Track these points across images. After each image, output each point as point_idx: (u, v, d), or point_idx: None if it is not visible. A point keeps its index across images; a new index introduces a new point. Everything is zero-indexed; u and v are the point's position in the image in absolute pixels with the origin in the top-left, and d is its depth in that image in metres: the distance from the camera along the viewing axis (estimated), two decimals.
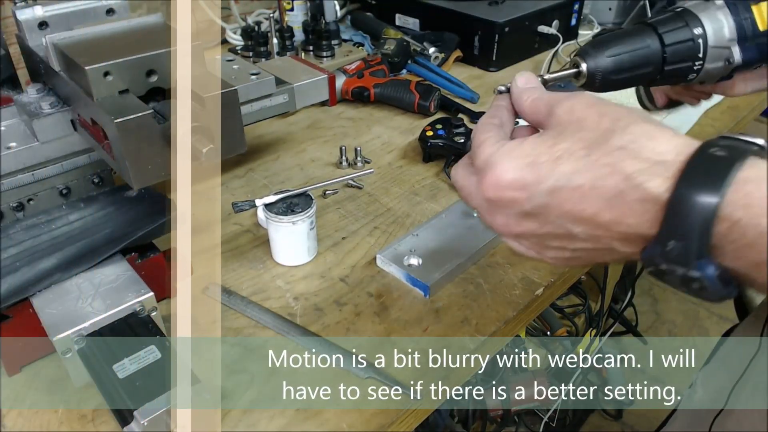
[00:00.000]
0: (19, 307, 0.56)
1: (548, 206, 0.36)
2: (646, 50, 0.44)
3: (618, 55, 0.43)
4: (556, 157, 0.36)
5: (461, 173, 0.43)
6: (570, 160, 0.35)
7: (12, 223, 0.64)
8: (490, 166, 0.38)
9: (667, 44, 0.43)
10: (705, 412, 0.79)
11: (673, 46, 0.44)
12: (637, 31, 0.44)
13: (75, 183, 0.67)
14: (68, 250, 0.61)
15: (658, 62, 0.44)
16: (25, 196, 0.64)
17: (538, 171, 0.36)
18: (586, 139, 0.35)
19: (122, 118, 0.53)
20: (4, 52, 0.83)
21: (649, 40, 0.44)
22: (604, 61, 0.43)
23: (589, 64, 0.44)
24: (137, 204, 0.68)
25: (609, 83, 0.44)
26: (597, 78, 0.44)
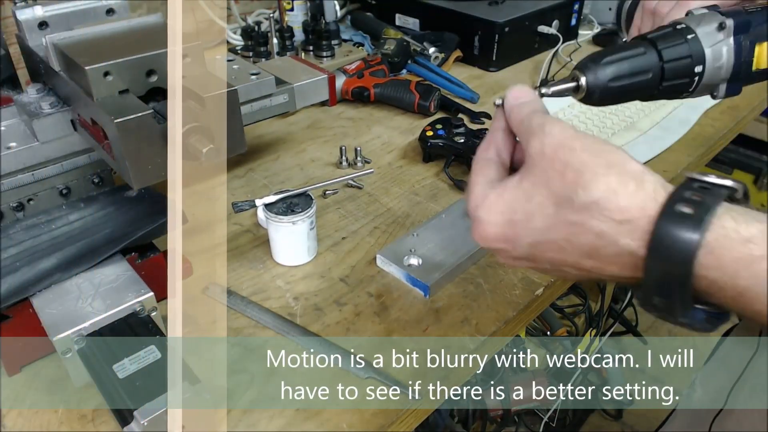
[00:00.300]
0: (19, 307, 0.56)
1: (533, 255, 0.38)
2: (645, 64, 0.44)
3: (617, 71, 0.44)
4: (530, 214, 0.37)
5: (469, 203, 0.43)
6: (542, 217, 0.36)
7: (12, 223, 0.64)
8: (476, 220, 0.40)
9: (666, 60, 0.44)
10: (705, 412, 0.79)
11: (672, 62, 0.44)
12: (637, 47, 0.44)
13: (75, 183, 0.67)
14: (68, 250, 0.61)
15: (656, 78, 0.44)
16: (25, 196, 0.64)
17: (515, 229, 0.38)
18: (554, 194, 0.36)
19: (122, 118, 0.53)
20: (4, 52, 0.83)
21: (649, 55, 0.44)
22: (603, 75, 0.43)
23: (589, 78, 0.44)
24: (137, 204, 0.68)
25: (607, 98, 0.44)
26: (596, 92, 0.44)
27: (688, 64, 0.44)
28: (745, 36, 0.45)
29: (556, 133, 0.36)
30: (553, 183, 0.36)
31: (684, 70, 0.44)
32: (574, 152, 0.35)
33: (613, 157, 0.35)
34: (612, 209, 0.34)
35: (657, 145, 0.93)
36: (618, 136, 0.93)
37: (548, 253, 0.37)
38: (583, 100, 0.45)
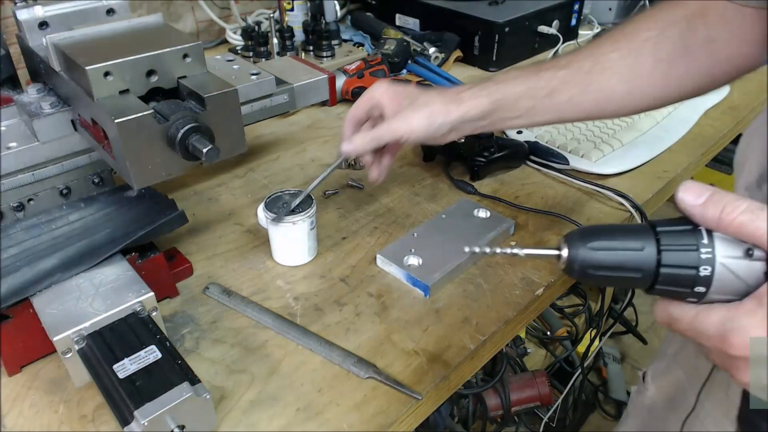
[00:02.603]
0: (19, 307, 0.56)
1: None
2: (637, 261, 0.37)
3: (602, 259, 0.38)
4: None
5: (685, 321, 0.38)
6: None
7: (12, 223, 0.64)
8: (735, 327, 0.35)
9: (664, 264, 0.37)
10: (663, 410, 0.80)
11: (670, 268, 0.37)
12: (636, 238, 0.38)
13: (75, 183, 0.67)
14: (68, 250, 0.61)
15: (647, 278, 0.38)
16: (25, 196, 0.64)
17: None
18: None
19: (122, 118, 0.53)
20: (4, 52, 0.83)
21: (645, 253, 0.37)
22: (586, 259, 0.38)
23: (570, 255, 0.39)
24: (137, 204, 0.68)
25: (589, 277, 0.39)
26: (574, 273, 0.39)
27: (690, 276, 0.36)
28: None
29: None
30: None
31: (684, 280, 0.37)
32: None
33: None
34: None
35: (657, 146, 0.93)
36: (618, 136, 0.93)
37: None
38: (564, 272, 0.41)
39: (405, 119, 0.64)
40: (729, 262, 0.36)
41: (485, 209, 0.78)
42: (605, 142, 0.91)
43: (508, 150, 0.88)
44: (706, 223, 0.36)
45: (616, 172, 0.87)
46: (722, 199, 0.36)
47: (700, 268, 0.36)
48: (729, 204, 0.35)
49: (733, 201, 0.35)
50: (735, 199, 0.36)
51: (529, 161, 0.91)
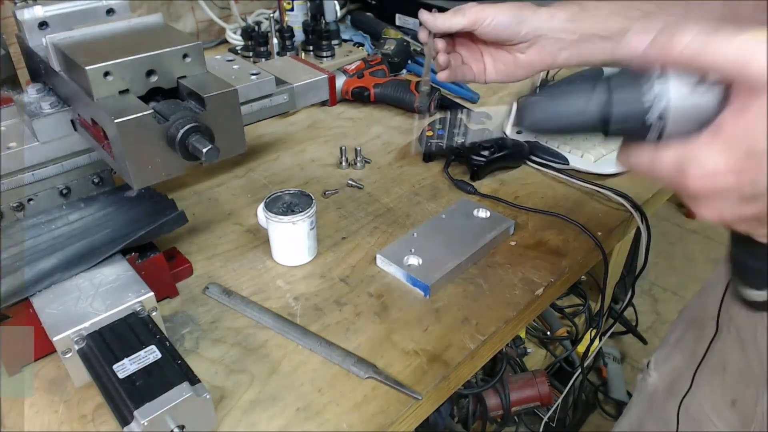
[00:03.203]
0: (19, 307, 0.56)
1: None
2: (588, 105, 0.37)
3: (553, 112, 0.38)
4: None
5: (644, 160, 0.37)
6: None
7: (12, 223, 0.64)
8: (692, 159, 0.34)
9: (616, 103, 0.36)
10: (662, 395, 0.81)
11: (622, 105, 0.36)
12: (586, 84, 0.37)
13: (75, 183, 0.67)
14: (68, 250, 0.61)
15: (600, 122, 0.37)
16: (25, 196, 0.64)
17: (757, 161, 0.32)
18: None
19: (122, 118, 0.53)
20: (4, 52, 0.83)
21: (599, 92, 0.36)
22: (535, 111, 0.38)
23: (520, 109, 0.39)
24: (137, 204, 0.68)
25: (542, 133, 0.40)
26: (524, 126, 0.39)
27: (644, 111, 0.35)
28: None
29: None
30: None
31: (637, 116, 0.36)
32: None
33: None
34: None
35: None
36: None
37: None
38: (516, 125, 0.41)
39: (492, 6, 0.61)
40: (682, 93, 0.34)
41: (485, 209, 0.78)
42: (605, 141, 0.91)
43: (508, 150, 0.88)
44: (659, 58, 0.35)
45: (616, 172, 0.87)
46: (670, 30, 0.35)
47: (654, 102, 0.35)
48: (675, 35, 0.34)
49: (681, 30, 0.34)
50: (683, 29, 0.34)
51: (529, 161, 0.91)
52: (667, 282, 2.11)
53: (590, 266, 0.79)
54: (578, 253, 0.73)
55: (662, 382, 0.83)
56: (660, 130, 0.35)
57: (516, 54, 0.63)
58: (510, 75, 0.65)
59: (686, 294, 2.05)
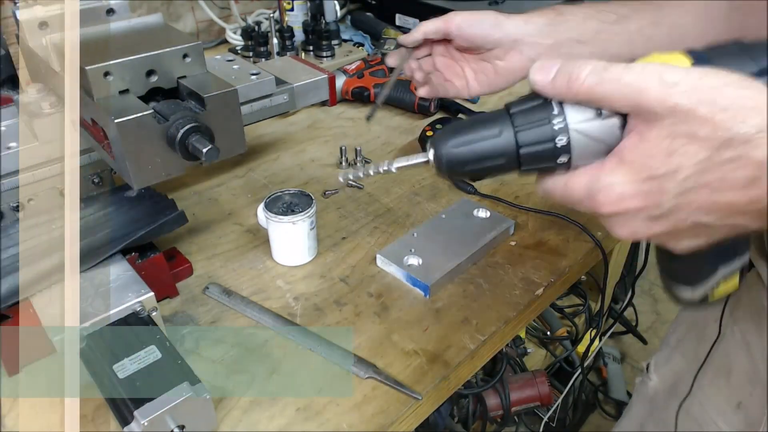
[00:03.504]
0: (19, 307, 0.56)
1: (678, 207, 0.35)
2: (498, 147, 0.38)
3: (465, 154, 0.38)
4: (676, 166, 0.34)
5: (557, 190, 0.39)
6: (692, 164, 0.33)
7: (12, 223, 0.64)
8: (602, 188, 0.36)
9: (522, 144, 0.37)
10: (663, 398, 0.81)
11: (529, 147, 0.37)
12: (494, 125, 0.38)
13: None
14: None
15: (512, 157, 0.38)
16: (25, 196, 0.64)
17: (660, 182, 0.34)
18: (705, 139, 0.33)
19: (122, 118, 0.53)
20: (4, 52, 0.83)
21: (504, 137, 0.37)
22: (449, 152, 0.39)
23: (436, 154, 0.39)
24: (137, 204, 0.68)
25: (459, 174, 0.40)
26: (443, 168, 0.40)
27: (549, 149, 0.37)
28: None
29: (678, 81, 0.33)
30: (700, 130, 0.33)
31: (545, 155, 0.37)
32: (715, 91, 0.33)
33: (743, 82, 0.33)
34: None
35: None
36: None
37: (698, 201, 0.34)
38: (437, 173, 0.41)
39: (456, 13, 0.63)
40: (582, 126, 0.36)
41: (485, 209, 0.78)
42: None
43: None
44: (559, 96, 0.37)
45: None
46: (568, 68, 0.36)
47: (557, 140, 0.36)
48: (573, 71, 0.35)
49: (577, 67, 0.36)
50: (579, 65, 0.36)
51: None
52: None
53: (590, 266, 0.79)
54: (578, 253, 0.73)
55: (663, 384, 0.82)
56: (567, 162, 0.37)
57: (495, 62, 0.63)
58: (492, 85, 0.66)
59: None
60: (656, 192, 0.35)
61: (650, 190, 0.35)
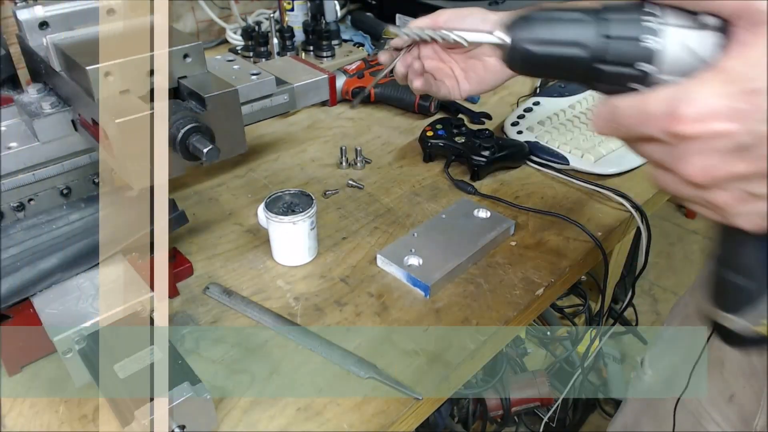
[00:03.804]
0: (19, 307, 0.56)
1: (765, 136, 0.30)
2: (581, 33, 0.34)
3: (544, 34, 0.35)
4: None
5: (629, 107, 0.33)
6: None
7: (12, 223, 0.64)
8: (686, 97, 0.30)
9: (607, 35, 0.33)
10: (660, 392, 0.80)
11: (615, 40, 0.33)
12: (581, 11, 0.34)
13: (75, 183, 0.67)
14: (69, 250, 0.61)
15: (594, 49, 0.34)
16: (25, 196, 0.64)
17: (757, 99, 0.29)
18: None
19: (122, 118, 0.53)
20: (4, 52, 0.83)
21: (589, 24, 0.34)
22: (527, 35, 0.35)
23: (510, 35, 0.36)
24: (137, 204, 0.68)
25: (531, 65, 0.36)
26: (516, 56, 0.36)
27: (635, 49, 0.32)
28: None
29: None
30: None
31: (628, 55, 0.33)
32: None
33: None
34: None
35: None
36: None
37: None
38: (507, 64, 0.37)
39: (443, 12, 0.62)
40: (680, 32, 0.32)
41: (485, 209, 0.78)
42: (605, 141, 0.91)
43: (508, 150, 0.88)
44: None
45: (616, 172, 0.87)
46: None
47: (646, 38, 0.32)
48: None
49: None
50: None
51: (529, 161, 0.91)
52: (667, 282, 2.11)
53: (590, 266, 0.79)
54: (578, 253, 0.73)
55: (658, 378, 0.83)
56: (651, 74, 0.33)
57: (484, 59, 0.63)
58: (483, 83, 0.65)
59: None
60: (751, 111, 0.29)
61: (745, 109, 0.30)
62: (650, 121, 0.32)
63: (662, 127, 0.31)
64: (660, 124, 0.31)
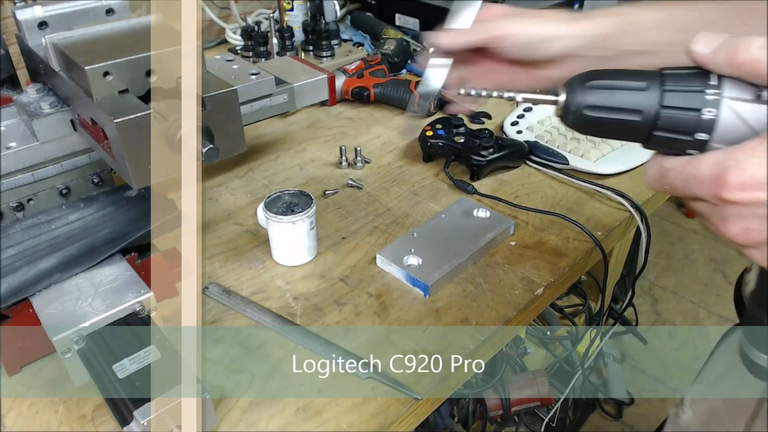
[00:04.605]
0: (19, 307, 0.56)
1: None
2: (638, 101, 0.35)
3: (601, 100, 0.36)
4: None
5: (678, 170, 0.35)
6: None
7: (12, 223, 0.64)
8: (733, 165, 0.32)
9: (665, 105, 0.34)
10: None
11: (672, 110, 0.34)
12: (641, 79, 0.35)
13: (75, 183, 0.67)
14: (68, 250, 0.61)
15: (648, 122, 0.35)
16: (25, 196, 0.64)
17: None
18: None
19: (122, 118, 0.53)
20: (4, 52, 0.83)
21: (648, 93, 0.35)
22: (583, 99, 0.36)
23: (568, 98, 0.37)
24: (137, 204, 0.68)
25: (584, 126, 0.37)
26: (569, 116, 0.37)
27: (692, 120, 0.33)
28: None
29: None
30: None
31: (685, 125, 0.34)
32: None
33: None
34: None
35: None
36: None
37: None
38: (561, 119, 0.38)
39: (508, 19, 0.52)
40: (736, 105, 0.33)
41: (485, 209, 0.78)
42: (605, 141, 0.91)
43: (508, 150, 0.88)
44: (718, 69, 0.33)
45: (616, 172, 0.87)
46: (736, 40, 0.33)
47: (704, 110, 0.33)
48: (742, 43, 0.32)
49: (746, 40, 0.32)
50: (749, 38, 0.32)
51: (529, 161, 0.91)
52: (667, 282, 2.11)
53: (590, 266, 0.79)
54: (578, 253, 0.73)
55: (698, 421, 0.77)
56: (704, 141, 0.34)
57: (533, 71, 0.54)
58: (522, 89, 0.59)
59: (686, 294, 2.05)
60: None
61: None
62: (698, 184, 0.34)
63: (709, 191, 0.33)
64: (707, 188, 0.33)
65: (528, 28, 0.52)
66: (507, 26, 0.52)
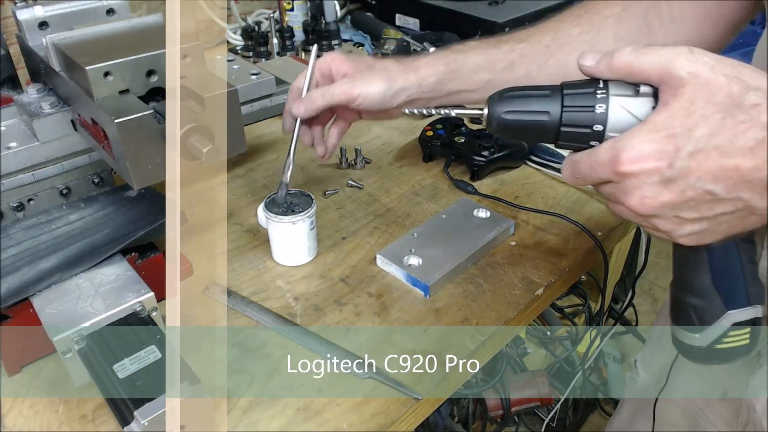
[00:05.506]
0: (19, 307, 0.56)
1: (689, 169, 0.38)
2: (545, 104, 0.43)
3: (516, 105, 0.44)
4: (691, 125, 0.37)
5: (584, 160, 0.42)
6: (706, 125, 0.37)
7: (12, 223, 0.64)
8: (623, 146, 0.39)
9: (566, 106, 0.43)
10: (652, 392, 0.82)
11: (572, 109, 0.42)
12: (546, 88, 0.44)
13: (75, 183, 0.67)
14: (68, 250, 0.61)
15: (554, 121, 0.43)
16: (25, 196, 0.64)
17: (675, 141, 0.37)
18: (720, 104, 0.37)
19: (122, 118, 0.53)
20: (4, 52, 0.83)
21: (552, 98, 0.43)
22: (502, 106, 0.44)
23: (489, 107, 0.45)
24: (137, 204, 0.68)
25: (505, 130, 0.45)
26: (492, 122, 0.45)
27: (588, 115, 0.42)
28: None
29: (703, 55, 0.38)
30: (716, 97, 0.37)
31: (583, 120, 0.42)
32: (733, 67, 0.37)
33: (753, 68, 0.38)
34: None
35: None
36: None
37: (707, 163, 0.37)
38: (487, 127, 0.46)
39: (362, 80, 0.63)
40: (621, 100, 0.41)
41: (485, 209, 0.78)
42: None
43: (508, 150, 0.88)
44: (603, 75, 0.42)
45: None
46: (612, 51, 0.41)
47: (597, 107, 0.41)
48: (617, 51, 0.40)
49: (621, 48, 0.40)
50: (623, 47, 0.40)
51: (529, 161, 0.91)
52: (667, 282, 2.10)
53: (590, 266, 0.79)
54: (578, 253, 0.73)
55: (650, 379, 0.83)
56: (601, 132, 0.42)
57: (390, 111, 0.65)
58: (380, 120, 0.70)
59: None
60: (671, 150, 0.38)
61: (666, 148, 0.38)
62: (600, 166, 0.41)
63: (609, 170, 0.40)
64: (608, 168, 0.40)
65: (374, 89, 0.62)
66: (354, 89, 0.62)
